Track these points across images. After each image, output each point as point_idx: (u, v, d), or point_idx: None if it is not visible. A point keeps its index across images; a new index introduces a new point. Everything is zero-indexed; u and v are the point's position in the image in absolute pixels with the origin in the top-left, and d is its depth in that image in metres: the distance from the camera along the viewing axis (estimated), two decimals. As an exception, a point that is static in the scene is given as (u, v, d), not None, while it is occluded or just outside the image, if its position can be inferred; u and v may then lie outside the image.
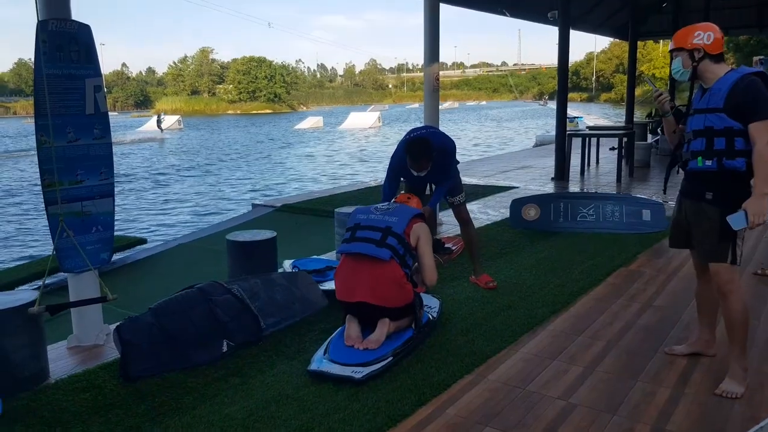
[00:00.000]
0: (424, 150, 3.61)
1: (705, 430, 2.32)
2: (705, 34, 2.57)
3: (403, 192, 3.71)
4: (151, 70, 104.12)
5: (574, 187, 8.46)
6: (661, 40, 41.23)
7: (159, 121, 36.63)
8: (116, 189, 3.40)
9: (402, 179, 4.04)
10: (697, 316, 3.00)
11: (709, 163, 2.56)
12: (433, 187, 4.09)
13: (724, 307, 2.64)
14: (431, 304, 3.49)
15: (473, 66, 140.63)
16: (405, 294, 3.04)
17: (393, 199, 3.62)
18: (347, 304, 3.10)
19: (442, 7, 6.30)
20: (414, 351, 3.04)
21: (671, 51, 2.68)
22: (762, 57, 4.02)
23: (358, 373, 2.73)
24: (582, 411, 2.48)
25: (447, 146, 3.88)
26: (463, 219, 4.12)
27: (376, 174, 16.51)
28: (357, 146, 27.55)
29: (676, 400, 2.54)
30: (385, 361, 2.84)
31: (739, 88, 2.45)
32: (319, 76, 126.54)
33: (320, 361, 2.86)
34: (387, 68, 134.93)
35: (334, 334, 3.13)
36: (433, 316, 3.36)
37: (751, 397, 2.55)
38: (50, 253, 3.12)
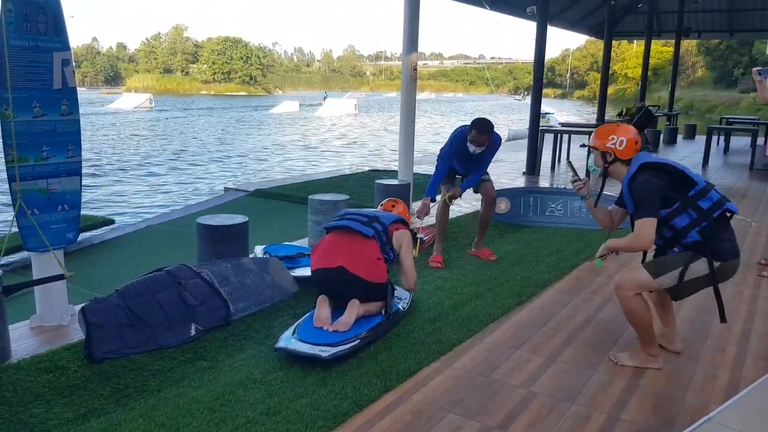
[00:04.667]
0: (489, 125, 4.27)
1: (657, 420, 2.42)
2: (618, 140, 2.76)
3: (389, 199, 3.89)
4: (122, 46, 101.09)
5: (544, 182, 8.62)
6: (635, 40, 42.06)
7: (325, 98, 47.97)
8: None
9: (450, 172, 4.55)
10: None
11: (676, 249, 2.74)
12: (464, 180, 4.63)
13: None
14: (402, 296, 3.57)
15: (451, 57, 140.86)
16: (378, 272, 3.15)
17: (380, 205, 3.81)
18: (323, 271, 3.15)
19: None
20: (382, 337, 3.09)
21: (589, 146, 2.90)
22: (760, 68, 4.18)
23: (325, 352, 2.76)
24: (542, 399, 2.56)
25: (498, 138, 4.43)
26: (491, 196, 4.58)
27: (353, 162, 16.47)
28: (334, 134, 27.37)
29: (632, 391, 2.65)
30: (353, 344, 2.87)
31: (632, 189, 2.68)
32: (296, 59, 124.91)
33: (288, 340, 2.88)
34: (365, 55, 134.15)
35: (304, 316, 3.16)
36: (403, 307, 3.42)
37: (703, 388, 2.68)
38: (13, 231, 3.03)
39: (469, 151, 4.31)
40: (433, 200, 4.35)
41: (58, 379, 2.58)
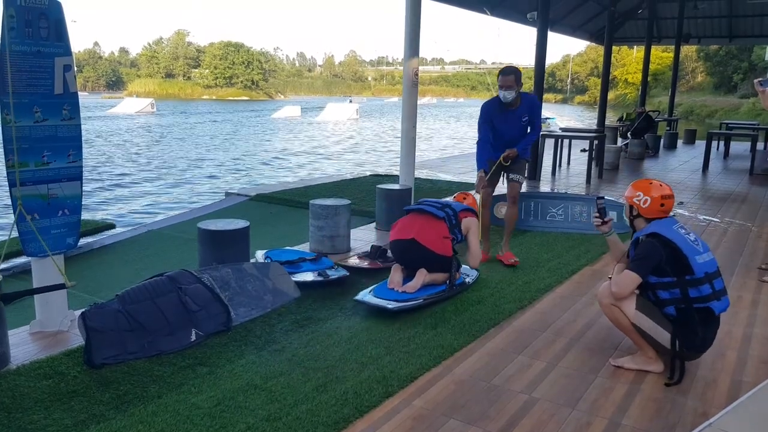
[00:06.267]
0: (511, 66, 4.59)
1: (659, 425, 2.41)
2: (644, 198, 2.85)
3: (460, 192, 4.35)
4: (124, 51, 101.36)
5: (545, 187, 8.61)
6: (635, 46, 42.18)
7: (350, 101, 49.75)
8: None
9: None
10: None
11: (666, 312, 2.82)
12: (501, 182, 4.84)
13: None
14: (470, 273, 4.15)
15: (452, 62, 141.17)
16: (444, 247, 3.71)
17: (453, 197, 4.31)
18: (399, 242, 3.74)
19: (424, 2, 6.32)
20: (443, 302, 3.63)
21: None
22: (761, 78, 4.29)
23: (392, 305, 3.35)
24: (543, 405, 2.55)
25: (534, 97, 4.73)
26: (514, 196, 4.71)
27: (354, 166, 16.49)
28: (336, 138, 27.42)
29: (633, 396, 2.64)
30: (416, 302, 3.46)
31: (638, 244, 2.82)
32: (297, 64, 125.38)
33: (365, 295, 3.52)
34: (367, 60, 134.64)
35: (381, 282, 3.74)
36: (468, 281, 3.99)
37: (704, 393, 2.67)
38: (13, 236, 3.03)
39: (504, 106, 4.51)
40: (486, 172, 4.53)
41: (57, 385, 2.58)
